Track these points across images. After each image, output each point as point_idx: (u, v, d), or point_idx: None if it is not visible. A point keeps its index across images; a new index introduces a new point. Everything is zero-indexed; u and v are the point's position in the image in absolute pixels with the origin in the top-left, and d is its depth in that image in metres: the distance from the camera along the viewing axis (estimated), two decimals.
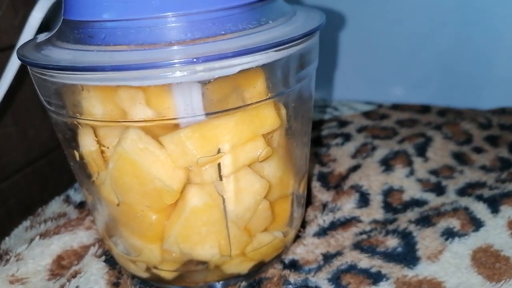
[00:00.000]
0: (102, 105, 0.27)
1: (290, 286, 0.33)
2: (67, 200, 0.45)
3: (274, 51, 0.26)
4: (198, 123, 0.27)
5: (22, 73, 0.32)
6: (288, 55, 0.28)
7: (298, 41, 0.28)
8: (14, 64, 0.32)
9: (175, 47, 0.25)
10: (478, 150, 0.49)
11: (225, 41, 0.26)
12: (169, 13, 0.25)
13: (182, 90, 0.25)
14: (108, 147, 0.29)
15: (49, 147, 0.52)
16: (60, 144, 0.32)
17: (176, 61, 0.24)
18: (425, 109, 0.60)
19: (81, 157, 0.30)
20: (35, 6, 0.31)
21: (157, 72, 0.24)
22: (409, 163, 0.46)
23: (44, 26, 0.32)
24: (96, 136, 0.29)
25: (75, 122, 0.29)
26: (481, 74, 0.59)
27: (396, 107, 0.61)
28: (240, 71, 0.25)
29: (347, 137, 0.53)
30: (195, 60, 0.24)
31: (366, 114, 0.59)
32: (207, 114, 0.27)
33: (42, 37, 0.31)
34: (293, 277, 0.33)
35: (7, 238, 0.41)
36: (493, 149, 0.49)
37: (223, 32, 0.26)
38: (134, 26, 0.25)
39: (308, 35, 0.28)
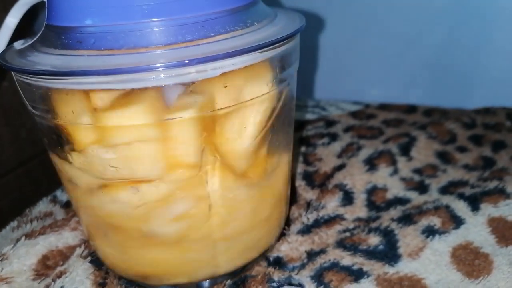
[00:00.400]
0: (86, 109, 0.27)
1: (274, 283, 0.33)
2: (54, 200, 0.45)
3: (260, 52, 0.27)
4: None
5: (12, 75, 0.31)
6: (271, 57, 0.28)
7: (285, 41, 0.28)
8: None
9: (168, 50, 0.25)
10: (462, 149, 0.49)
11: (215, 43, 0.26)
12: (159, 18, 0.25)
13: (169, 92, 0.26)
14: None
15: (41, 148, 0.51)
16: None
17: (171, 63, 0.24)
18: (411, 109, 0.60)
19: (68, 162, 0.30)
20: (10, 11, 0.30)
21: (152, 74, 0.25)
22: (393, 162, 0.46)
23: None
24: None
25: (60, 126, 0.29)
26: (470, 74, 0.60)
27: (383, 107, 0.61)
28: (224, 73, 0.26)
29: (333, 137, 0.54)
30: (187, 62, 0.24)
31: (353, 114, 0.60)
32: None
33: (19, 44, 0.31)
34: (277, 275, 0.34)
35: None
36: (476, 148, 0.49)
37: (212, 34, 0.26)
38: (124, 30, 0.25)
39: (294, 34, 0.29)
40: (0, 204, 0.48)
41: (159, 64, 0.24)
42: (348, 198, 0.42)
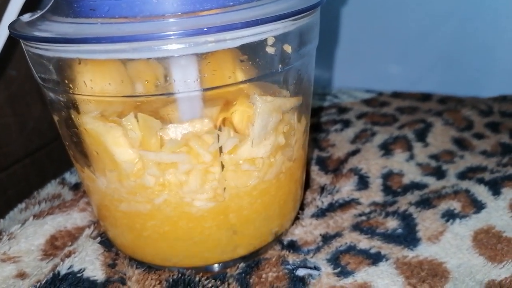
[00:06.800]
0: (100, 79, 0.26)
1: (289, 266, 0.32)
2: (63, 182, 0.44)
3: (281, 23, 0.26)
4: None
5: (20, 64, 0.30)
6: (292, 29, 0.27)
7: (306, 13, 0.27)
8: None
9: (186, 18, 0.24)
10: (479, 136, 0.48)
11: (235, 12, 0.25)
12: None
13: (184, 63, 0.25)
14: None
15: (48, 138, 0.51)
16: (59, 135, 0.31)
17: (188, 30, 0.23)
18: (425, 97, 0.59)
19: (77, 135, 0.29)
20: None
21: (168, 43, 0.24)
22: (409, 148, 0.45)
23: None
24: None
25: (71, 98, 0.28)
26: (483, 65, 0.59)
27: (396, 95, 0.60)
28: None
29: (346, 123, 0.53)
30: (206, 29, 0.23)
31: (366, 102, 0.59)
32: (205, 90, 0.26)
33: (27, 17, 0.30)
34: (292, 258, 0.33)
35: (1, 220, 0.40)
36: (494, 135, 0.48)
37: (231, 4, 0.25)
38: None
39: (317, 6, 0.28)
40: (7, 194, 0.47)
41: (177, 32, 0.23)
42: (363, 183, 0.41)
